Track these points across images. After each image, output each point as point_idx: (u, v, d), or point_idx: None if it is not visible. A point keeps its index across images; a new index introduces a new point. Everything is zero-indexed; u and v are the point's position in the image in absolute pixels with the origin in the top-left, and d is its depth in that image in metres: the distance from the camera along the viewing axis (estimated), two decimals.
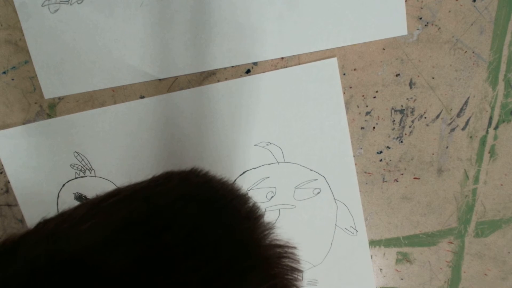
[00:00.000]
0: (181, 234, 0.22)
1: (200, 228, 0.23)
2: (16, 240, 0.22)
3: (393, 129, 0.45)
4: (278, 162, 0.46)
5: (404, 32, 0.42)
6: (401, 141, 0.45)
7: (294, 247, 0.26)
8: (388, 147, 0.45)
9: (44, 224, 0.23)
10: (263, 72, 0.44)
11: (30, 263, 0.20)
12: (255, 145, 0.45)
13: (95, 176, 0.46)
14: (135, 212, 0.23)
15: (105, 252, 0.20)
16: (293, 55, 0.43)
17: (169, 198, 0.25)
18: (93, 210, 0.23)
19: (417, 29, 0.42)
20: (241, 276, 0.22)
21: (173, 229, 0.22)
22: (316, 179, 0.46)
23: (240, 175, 0.46)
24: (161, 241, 0.21)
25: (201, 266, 0.21)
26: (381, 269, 0.49)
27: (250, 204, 0.28)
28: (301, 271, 0.26)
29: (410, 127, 0.45)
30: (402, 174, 0.46)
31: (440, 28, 0.42)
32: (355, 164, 0.46)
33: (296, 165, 0.46)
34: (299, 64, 0.44)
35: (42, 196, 0.47)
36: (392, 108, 0.44)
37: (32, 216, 0.47)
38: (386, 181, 0.46)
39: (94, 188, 0.47)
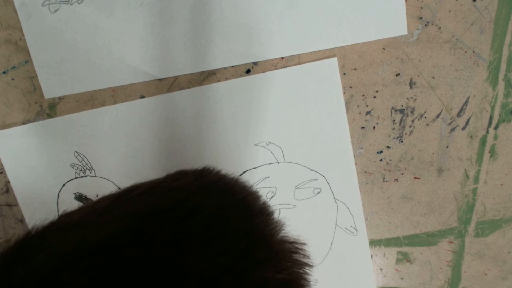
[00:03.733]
0: (202, 223, 0.23)
1: (218, 219, 0.24)
2: (41, 230, 0.23)
3: (393, 128, 0.45)
4: (278, 162, 0.46)
5: (404, 32, 0.42)
6: (401, 141, 0.45)
7: (304, 243, 0.27)
8: (388, 147, 0.45)
9: (67, 216, 0.24)
10: (263, 72, 0.44)
11: (60, 249, 0.21)
12: (255, 145, 0.45)
13: (95, 176, 0.46)
14: (157, 203, 0.24)
15: (131, 238, 0.21)
16: (293, 55, 0.43)
17: (187, 191, 0.26)
18: (115, 202, 0.24)
19: (417, 29, 0.42)
20: (257, 265, 0.23)
21: (194, 219, 0.23)
22: (316, 179, 0.46)
23: (240, 174, 0.46)
24: (185, 228, 0.23)
25: (224, 252, 0.22)
26: (381, 269, 0.49)
27: (262, 201, 0.29)
28: (311, 266, 0.27)
29: (410, 126, 0.45)
30: (402, 173, 0.46)
31: (440, 27, 0.42)
32: (355, 163, 0.46)
33: (296, 164, 0.46)
34: (299, 64, 0.44)
35: (42, 196, 0.47)
36: (392, 108, 0.44)
37: (32, 216, 0.47)
38: (386, 181, 0.46)
39: (94, 188, 0.47)
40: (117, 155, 0.46)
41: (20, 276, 0.20)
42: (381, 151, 0.46)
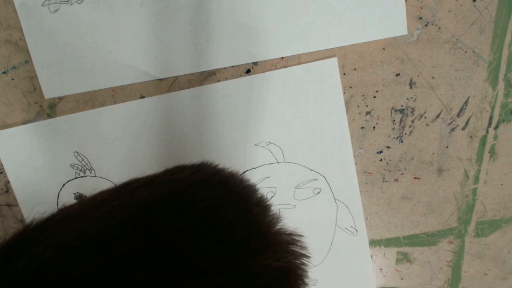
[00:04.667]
0: (199, 214, 0.24)
1: (216, 210, 0.25)
2: (41, 222, 0.23)
3: (393, 129, 0.45)
4: (278, 162, 0.46)
5: (404, 32, 0.42)
6: (401, 141, 0.45)
7: (301, 235, 0.28)
8: (388, 147, 0.45)
9: (67, 209, 0.24)
10: (263, 72, 0.44)
11: (59, 239, 0.21)
12: (255, 145, 0.45)
13: (95, 176, 0.46)
14: (154, 194, 0.24)
15: (129, 228, 0.22)
16: (293, 55, 0.43)
17: (185, 184, 0.26)
18: (114, 195, 0.25)
19: (417, 29, 0.42)
20: (255, 254, 0.23)
21: (191, 210, 0.24)
22: (316, 179, 0.46)
23: (240, 175, 0.46)
24: (182, 219, 0.23)
25: (220, 241, 0.22)
26: (381, 269, 0.49)
27: (259, 194, 0.29)
28: (308, 257, 0.27)
29: (410, 127, 0.45)
30: (402, 174, 0.46)
31: (440, 28, 0.42)
32: (355, 164, 0.46)
33: (296, 165, 0.46)
34: (299, 64, 0.44)
35: (42, 196, 0.47)
36: (392, 108, 0.44)
37: (32, 216, 0.47)
38: (386, 181, 0.46)
39: (94, 188, 0.46)
40: (117, 155, 0.46)
41: (20, 266, 0.20)
42: (381, 151, 0.46)
